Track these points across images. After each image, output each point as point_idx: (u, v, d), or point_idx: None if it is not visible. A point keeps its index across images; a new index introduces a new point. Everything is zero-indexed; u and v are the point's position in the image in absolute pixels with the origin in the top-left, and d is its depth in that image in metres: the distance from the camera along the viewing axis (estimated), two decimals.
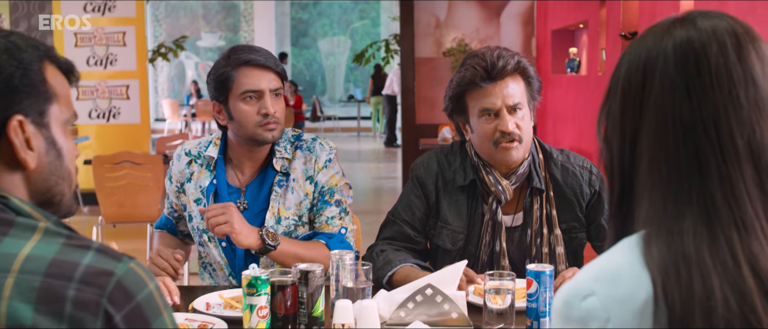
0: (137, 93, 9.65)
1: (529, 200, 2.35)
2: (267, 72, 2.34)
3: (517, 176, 2.33)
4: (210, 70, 2.41)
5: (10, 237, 1.04)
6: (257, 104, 2.32)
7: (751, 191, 1.04)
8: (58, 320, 0.98)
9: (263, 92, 2.33)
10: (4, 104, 1.11)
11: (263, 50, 2.38)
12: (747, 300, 0.99)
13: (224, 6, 20.97)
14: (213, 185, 2.41)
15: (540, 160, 2.37)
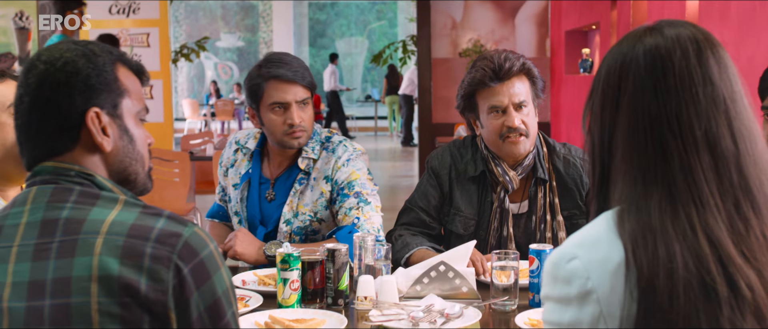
0: (161, 93, 9.78)
1: (534, 189, 2.56)
2: (294, 85, 2.52)
3: (523, 168, 2.54)
4: (247, 76, 2.60)
5: (97, 207, 1.28)
6: (284, 115, 2.51)
7: (707, 174, 1.24)
8: (139, 271, 1.21)
9: (290, 103, 2.51)
10: (83, 98, 1.34)
11: (294, 63, 2.54)
12: (703, 263, 1.19)
13: (243, 7, 21.08)
14: (248, 174, 2.64)
15: (544, 153, 2.58)
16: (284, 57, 2.55)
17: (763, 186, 1.25)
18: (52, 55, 1.35)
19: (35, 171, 1.34)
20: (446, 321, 1.86)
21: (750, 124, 1.28)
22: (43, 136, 1.34)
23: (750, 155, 1.25)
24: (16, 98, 1.36)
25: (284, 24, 21.06)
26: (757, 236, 1.22)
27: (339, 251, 2.08)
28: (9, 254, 1.25)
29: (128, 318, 1.19)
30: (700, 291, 1.17)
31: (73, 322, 1.19)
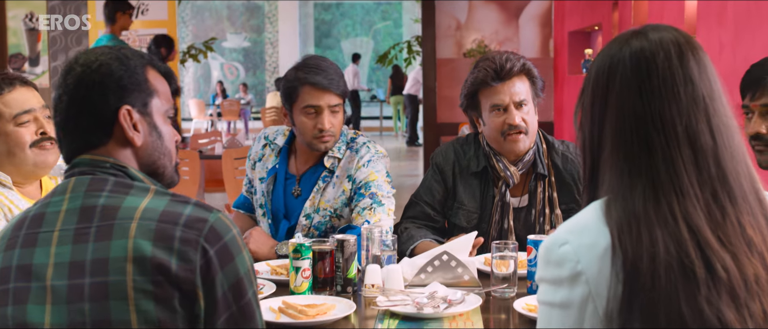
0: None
1: (533, 184, 2.68)
2: (328, 93, 2.62)
3: (524, 163, 2.66)
4: (284, 76, 2.70)
5: (130, 195, 1.40)
6: (316, 119, 2.62)
7: (687, 167, 1.35)
8: (170, 252, 1.33)
9: (322, 108, 2.62)
10: (116, 97, 1.47)
11: (330, 70, 2.65)
12: (683, 247, 1.31)
13: (248, 7, 21.12)
14: (275, 169, 2.77)
15: (543, 149, 2.71)
16: (321, 63, 2.65)
17: (739, 177, 1.37)
18: (88, 58, 1.48)
19: (74, 163, 1.47)
20: (448, 306, 1.98)
21: (728, 120, 1.39)
22: (80, 131, 1.47)
23: (727, 148, 1.37)
24: (55, 97, 1.49)
25: (290, 24, 21.12)
26: (732, 222, 1.34)
27: (348, 241, 2.20)
28: (51, 238, 1.38)
29: (160, 294, 1.32)
30: (680, 272, 1.29)
31: (111, 298, 1.31)
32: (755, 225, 1.35)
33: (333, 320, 1.93)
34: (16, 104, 2.16)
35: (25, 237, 1.41)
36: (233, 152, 5.80)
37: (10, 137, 2.16)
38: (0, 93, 2.15)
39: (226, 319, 1.37)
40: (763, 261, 1.34)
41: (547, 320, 1.39)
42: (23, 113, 2.17)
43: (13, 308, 1.36)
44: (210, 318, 1.35)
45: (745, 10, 4.30)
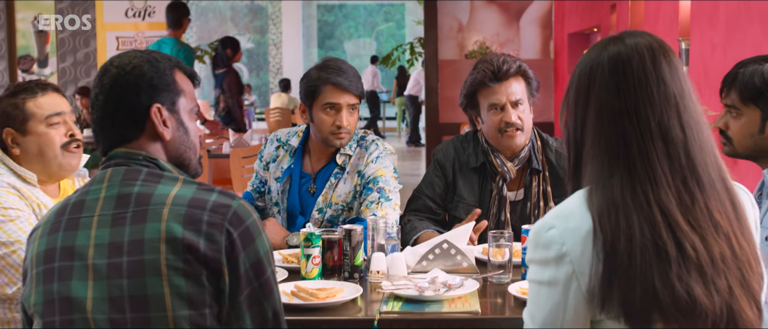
0: None
1: (529, 178, 2.85)
2: (347, 93, 2.80)
3: (520, 159, 2.82)
4: (303, 75, 2.87)
5: (161, 184, 1.57)
6: (334, 116, 2.80)
7: (660, 158, 1.51)
8: (198, 234, 1.49)
9: (341, 106, 2.80)
10: (147, 96, 1.63)
11: (349, 72, 2.82)
12: (656, 230, 1.47)
13: (252, 8, 21.19)
14: (290, 169, 2.93)
15: (538, 146, 2.87)
16: (342, 65, 2.82)
17: (707, 167, 1.53)
18: (122, 61, 1.64)
19: (109, 156, 1.64)
20: (448, 290, 2.14)
21: (697, 116, 1.55)
22: (115, 126, 1.63)
23: (696, 141, 1.53)
24: (92, 96, 1.66)
25: (293, 26, 21.12)
26: (701, 207, 1.50)
27: (355, 231, 2.37)
28: (91, 222, 1.54)
29: (190, 271, 1.48)
30: (654, 252, 1.45)
31: (147, 275, 1.48)
32: (722, 210, 1.51)
33: (342, 302, 2.09)
34: (49, 106, 2.34)
35: (67, 222, 1.57)
36: (241, 151, 5.96)
37: (42, 138, 2.34)
38: (33, 96, 2.33)
39: (248, 294, 1.53)
40: (728, 241, 1.50)
41: (536, 297, 1.55)
42: (55, 114, 2.35)
43: (58, 284, 1.52)
44: (234, 292, 1.52)
45: (735, 11, 4.45)
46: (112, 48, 10.13)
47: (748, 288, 1.51)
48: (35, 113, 2.34)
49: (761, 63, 2.24)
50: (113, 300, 1.48)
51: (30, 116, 2.33)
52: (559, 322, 1.51)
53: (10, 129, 2.35)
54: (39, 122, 2.34)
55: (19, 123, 2.34)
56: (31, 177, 2.38)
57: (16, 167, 2.37)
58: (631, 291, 1.45)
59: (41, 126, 2.34)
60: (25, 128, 2.34)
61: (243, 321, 1.54)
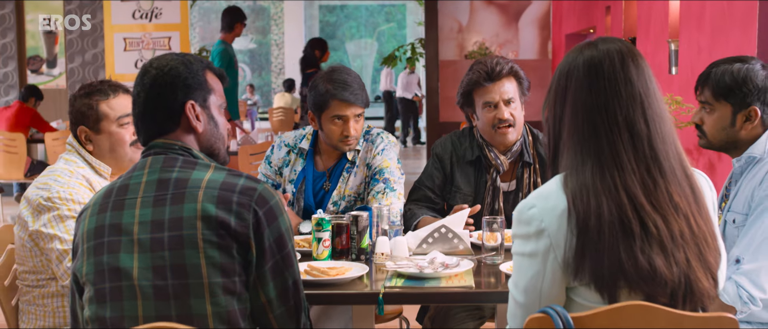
0: None
1: (520, 171, 3.09)
2: (352, 105, 3.01)
3: (512, 153, 3.07)
4: (311, 85, 3.08)
5: (196, 170, 1.81)
6: (342, 127, 3.02)
7: (626, 148, 1.75)
8: (229, 213, 1.73)
9: (349, 118, 3.02)
10: (183, 94, 1.87)
11: (355, 85, 3.02)
12: (622, 210, 1.70)
13: (254, 9, 21.27)
14: (304, 171, 3.16)
15: (529, 141, 3.11)
16: (347, 78, 3.02)
17: (668, 156, 1.77)
18: (160, 63, 1.88)
19: (150, 145, 1.88)
20: (446, 268, 2.38)
21: (660, 112, 1.79)
22: (154, 120, 1.87)
23: (659, 134, 1.77)
24: (134, 94, 1.90)
25: (295, 26, 21.28)
26: (662, 191, 1.73)
27: (361, 217, 2.61)
28: (135, 203, 1.79)
29: (223, 244, 1.72)
30: (620, 229, 1.69)
31: (185, 247, 1.72)
32: (681, 193, 1.75)
33: (350, 278, 2.33)
34: (120, 107, 2.58)
35: (114, 203, 1.81)
36: (249, 148, 6.20)
37: (114, 136, 2.57)
38: (106, 97, 2.56)
39: (272, 265, 1.77)
40: (687, 221, 1.74)
41: (519, 267, 1.79)
42: (125, 115, 2.58)
43: (108, 256, 1.77)
44: (259, 263, 1.76)
45: (719, 15, 4.69)
46: (119, 49, 10.19)
47: (705, 261, 1.74)
48: (108, 113, 2.57)
49: (731, 63, 2.48)
50: (156, 269, 1.73)
51: (103, 117, 2.56)
52: (539, 288, 1.75)
53: (84, 127, 2.57)
54: (111, 122, 2.57)
55: (92, 122, 2.56)
56: (105, 170, 2.61)
57: (92, 159, 2.60)
58: (600, 262, 1.69)
59: (113, 126, 2.57)
60: (99, 127, 2.56)
61: (267, 289, 1.78)
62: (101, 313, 1.75)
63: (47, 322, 2.51)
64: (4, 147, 8.13)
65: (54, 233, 2.42)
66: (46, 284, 2.50)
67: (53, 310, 2.51)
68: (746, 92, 2.45)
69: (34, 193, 2.49)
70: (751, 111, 2.46)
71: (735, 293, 2.29)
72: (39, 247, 2.46)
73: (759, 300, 2.29)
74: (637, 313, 1.63)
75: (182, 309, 1.71)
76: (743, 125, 2.47)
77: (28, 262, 2.50)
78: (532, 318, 1.66)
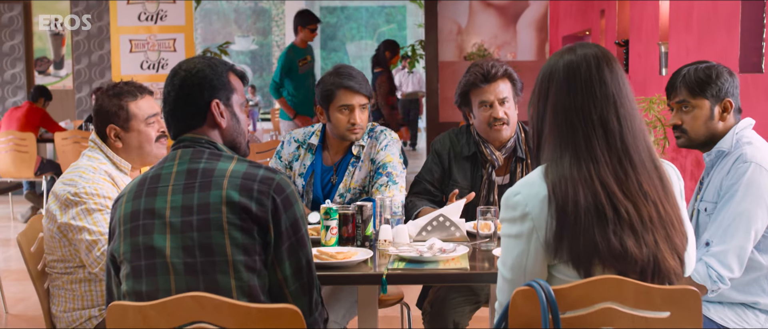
0: None
1: (514, 165, 3.31)
2: (359, 94, 3.28)
3: (506, 149, 3.29)
4: (318, 82, 3.34)
5: (221, 161, 2.03)
6: (348, 116, 3.29)
7: (600, 142, 1.96)
8: (251, 199, 1.96)
9: (354, 107, 3.28)
10: (208, 93, 2.10)
11: (358, 76, 3.29)
12: (597, 197, 1.92)
13: (255, 10, 21.34)
14: (313, 165, 3.40)
15: (522, 137, 3.33)
16: (352, 71, 3.31)
17: (638, 149, 1.99)
18: (189, 66, 2.11)
19: (179, 139, 2.10)
20: (443, 253, 2.60)
21: (631, 111, 2.01)
22: (183, 117, 2.10)
23: (630, 130, 1.98)
24: (164, 93, 2.12)
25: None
26: (632, 181, 1.95)
27: (365, 207, 2.83)
28: (167, 190, 2.01)
29: (245, 227, 1.95)
30: (595, 214, 1.91)
31: (212, 229, 1.94)
32: (650, 182, 1.97)
33: (356, 262, 2.55)
34: (147, 108, 2.82)
35: (147, 190, 2.04)
36: (255, 146, 6.43)
37: (142, 135, 2.80)
38: (134, 98, 2.80)
39: (288, 246, 2.00)
40: (655, 207, 1.96)
41: (506, 247, 2.02)
42: (152, 115, 2.82)
43: (143, 237, 1.99)
44: (277, 243, 1.99)
45: (705, 18, 4.92)
46: (125, 50, 10.33)
47: (671, 242, 1.97)
48: (137, 113, 2.80)
49: (696, 65, 2.73)
50: (186, 248, 1.95)
51: (132, 116, 2.79)
52: (524, 266, 1.97)
53: (114, 126, 2.80)
54: (140, 122, 2.80)
55: (123, 121, 2.79)
56: (125, 166, 2.85)
57: (113, 155, 2.83)
58: (577, 243, 1.91)
59: (142, 125, 2.80)
60: (129, 125, 2.79)
61: (284, 267, 2.01)
62: (138, 287, 1.98)
63: (76, 304, 2.74)
64: (15, 147, 8.33)
65: (82, 225, 2.64)
66: (74, 271, 2.73)
67: (81, 294, 2.74)
68: (720, 86, 2.68)
69: (62, 189, 2.71)
70: (726, 102, 2.69)
71: (705, 273, 2.52)
72: (67, 238, 2.69)
73: (727, 278, 2.52)
74: (609, 286, 1.85)
75: (209, 283, 1.94)
76: (721, 116, 2.70)
77: (57, 252, 2.73)
78: (518, 291, 1.88)
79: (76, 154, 8.38)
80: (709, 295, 2.57)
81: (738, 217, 2.54)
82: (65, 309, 2.75)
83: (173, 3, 10.45)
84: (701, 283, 2.53)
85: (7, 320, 5.09)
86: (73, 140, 8.53)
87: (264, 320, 1.80)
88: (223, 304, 1.80)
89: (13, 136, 8.37)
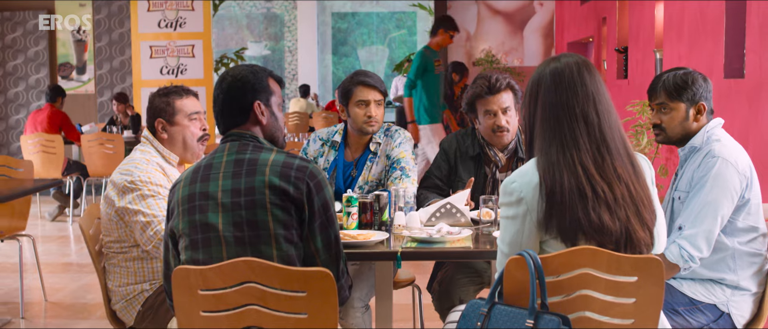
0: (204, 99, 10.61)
1: (515, 164, 3.70)
2: (374, 90, 3.69)
3: (508, 150, 3.68)
4: (340, 85, 3.74)
5: (263, 152, 2.43)
6: (365, 109, 3.70)
7: (582, 133, 2.34)
8: (289, 183, 2.35)
9: (370, 101, 3.70)
10: (252, 95, 2.50)
11: (375, 76, 3.71)
12: (578, 180, 2.30)
13: (267, 16, 21.58)
14: (336, 160, 3.80)
15: (523, 139, 3.72)
16: (368, 72, 3.74)
17: (614, 139, 2.37)
18: (235, 72, 2.51)
19: (227, 134, 2.50)
20: (450, 235, 2.99)
21: (608, 107, 2.39)
22: (230, 115, 2.50)
23: (607, 123, 2.36)
24: (214, 95, 2.52)
25: (308, 32, 21.60)
26: (609, 165, 2.33)
27: (382, 196, 3.22)
28: (218, 176, 2.41)
29: (284, 206, 2.34)
30: (577, 194, 2.29)
31: (257, 208, 2.34)
32: (623, 167, 2.35)
33: (374, 241, 2.94)
34: (191, 105, 3.24)
35: (201, 176, 2.44)
36: None
37: (185, 129, 3.22)
38: (180, 97, 3.22)
39: (319, 223, 2.39)
40: (627, 187, 2.34)
41: (504, 227, 2.40)
42: (195, 113, 3.25)
43: (199, 215, 2.39)
44: (310, 220, 2.38)
45: (694, 27, 5.30)
46: (145, 56, 10.73)
47: (641, 217, 2.34)
48: (182, 109, 3.22)
49: (675, 72, 3.11)
50: (236, 224, 2.35)
51: (178, 111, 3.21)
52: (520, 242, 2.35)
53: (161, 119, 3.22)
54: (184, 117, 3.22)
55: (169, 116, 3.22)
56: (173, 159, 3.27)
57: (162, 149, 3.25)
58: (563, 220, 2.29)
59: (185, 120, 3.22)
60: (174, 119, 3.22)
61: (316, 240, 2.40)
62: (195, 256, 2.38)
63: (130, 280, 3.14)
64: (43, 148, 8.69)
65: (137, 208, 3.05)
66: (129, 250, 3.13)
67: (135, 270, 3.14)
68: (695, 91, 3.07)
69: (119, 177, 3.12)
70: (700, 105, 3.07)
71: (678, 253, 2.90)
72: (123, 221, 3.09)
73: (697, 258, 2.90)
74: (586, 255, 2.23)
75: (255, 253, 2.33)
76: (696, 117, 3.08)
77: (114, 233, 3.13)
78: (511, 259, 2.26)
79: (101, 155, 8.78)
80: (682, 272, 2.95)
81: (707, 205, 2.92)
82: (120, 284, 3.15)
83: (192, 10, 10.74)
84: (674, 262, 2.91)
85: (46, 307, 5.50)
86: (98, 142, 8.89)
87: (302, 281, 2.20)
88: (269, 267, 2.20)
89: (41, 138, 8.74)
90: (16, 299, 5.67)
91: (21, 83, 11.96)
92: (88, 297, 5.76)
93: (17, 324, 5.13)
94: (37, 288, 5.85)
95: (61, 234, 8.23)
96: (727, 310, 3.00)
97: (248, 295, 2.23)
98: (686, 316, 3.00)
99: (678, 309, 3.00)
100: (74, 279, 6.32)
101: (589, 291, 2.25)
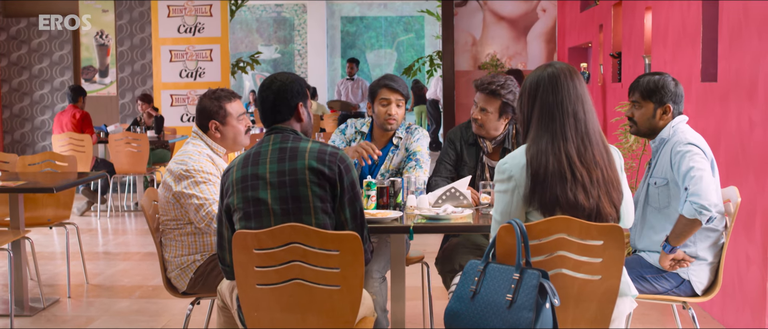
0: None
1: (502, 153, 4.24)
2: (396, 93, 4.20)
3: (496, 141, 4.22)
4: (370, 85, 4.28)
5: (302, 142, 2.99)
6: (387, 108, 4.23)
7: (570, 127, 2.87)
8: (324, 165, 2.91)
9: (391, 101, 4.22)
10: (294, 99, 3.05)
11: (398, 80, 4.22)
12: (561, 165, 2.84)
13: (277, 20, 21.87)
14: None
15: (512, 133, 4.26)
16: (394, 77, 4.26)
17: (595, 133, 2.89)
18: (282, 78, 3.06)
19: (272, 128, 3.06)
20: (454, 213, 3.54)
21: (590, 106, 2.90)
22: (278, 113, 3.05)
23: (590, 119, 2.89)
24: (263, 96, 3.07)
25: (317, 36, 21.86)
26: (590, 153, 2.85)
27: (397, 182, 3.78)
28: (266, 160, 2.97)
29: (321, 184, 2.90)
30: (558, 177, 2.83)
31: (299, 185, 2.90)
32: (600, 155, 2.87)
33: (390, 218, 3.49)
34: (238, 108, 3.84)
35: (252, 161, 2.99)
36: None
37: (235, 128, 3.81)
38: (229, 101, 3.80)
39: (348, 198, 2.95)
40: (602, 172, 2.86)
41: (497, 200, 2.95)
42: (241, 114, 3.83)
43: (251, 192, 2.95)
44: (341, 196, 2.94)
45: (676, 36, 5.82)
46: (165, 60, 11.21)
47: (610, 196, 2.88)
48: (232, 112, 3.81)
49: (652, 75, 3.66)
50: (282, 198, 2.91)
51: (229, 114, 3.80)
52: (509, 212, 2.90)
53: (215, 121, 3.79)
54: (234, 118, 3.80)
55: (221, 118, 3.79)
56: (221, 151, 3.85)
57: (211, 142, 3.83)
58: (545, 196, 2.83)
59: (234, 120, 3.81)
60: (226, 121, 3.79)
61: (345, 212, 2.96)
62: (249, 225, 2.94)
63: (184, 251, 3.71)
64: (73, 147, 9.15)
65: (192, 192, 3.61)
66: (184, 227, 3.70)
67: (188, 244, 3.71)
68: (663, 94, 3.62)
69: (175, 166, 3.69)
70: (666, 107, 3.62)
71: (691, 209, 3.33)
72: (179, 203, 3.66)
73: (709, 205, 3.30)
74: (562, 223, 2.77)
75: (297, 221, 2.88)
76: (662, 117, 3.63)
77: (170, 213, 3.70)
78: (502, 227, 2.80)
79: (126, 153, 9.23)
80: (705, 224, 3.36)
81: (695, 166, 3.39)
82: (176, 255, 3.72)
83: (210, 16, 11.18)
84: (692, 218, 3.34)
85: (88, 289, 6.07)
86: (125, 142, 9.33)
87: (336, 242, 2.77)
88: (309, 231, 2.78)
89: (70, 137, 9.21)
90: (62, 281, 6.26)
91: (46, 85, 12.34)
92: (124, 280, 6.33)
93: (65, 303, 5.70)
94: (78, 272, 6.41)
95: (90, 228, 8.76)
96: (687, 277, 3.54)
97: (293, 253, 2.80)
98: (653, 282, 3.55)
99: (646, 275, 3.55)
100: (110, 265, 6.90)
101: (564, 252, 2.79)
